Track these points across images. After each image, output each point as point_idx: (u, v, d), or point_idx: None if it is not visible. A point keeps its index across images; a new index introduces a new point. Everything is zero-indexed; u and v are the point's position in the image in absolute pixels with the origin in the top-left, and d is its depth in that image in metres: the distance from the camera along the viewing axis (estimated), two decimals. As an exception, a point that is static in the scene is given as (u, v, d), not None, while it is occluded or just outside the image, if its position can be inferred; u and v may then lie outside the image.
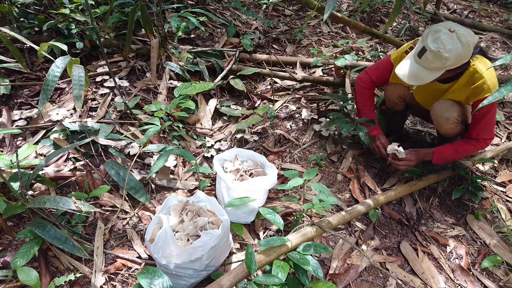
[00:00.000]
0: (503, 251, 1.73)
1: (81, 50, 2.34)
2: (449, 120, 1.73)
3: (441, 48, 1.46)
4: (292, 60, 2.88)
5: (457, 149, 1.78)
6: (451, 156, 1.81)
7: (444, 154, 1.81)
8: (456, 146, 1.78)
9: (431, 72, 1.54)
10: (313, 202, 1.58)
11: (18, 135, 1.85)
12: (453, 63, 1.49)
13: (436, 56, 1.48)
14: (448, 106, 1.72)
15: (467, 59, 1.53)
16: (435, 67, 1.51)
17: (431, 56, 1.49)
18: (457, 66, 1.53)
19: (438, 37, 1.46)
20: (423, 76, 1.55)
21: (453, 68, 1.54)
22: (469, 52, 1.50)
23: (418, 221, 1.85)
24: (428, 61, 1.51)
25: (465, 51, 1.47)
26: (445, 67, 1.51)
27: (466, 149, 1.77)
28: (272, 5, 3.78)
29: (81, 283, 1.38)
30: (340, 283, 1.50)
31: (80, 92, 1.37)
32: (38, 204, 1.27)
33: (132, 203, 1.72)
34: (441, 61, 1.48)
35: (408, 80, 1.59)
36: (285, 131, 2.28)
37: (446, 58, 1.47)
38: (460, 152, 1.79)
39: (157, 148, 1.73)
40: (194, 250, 1.27)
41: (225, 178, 1.63)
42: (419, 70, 1.56)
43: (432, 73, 1.54)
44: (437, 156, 1.82)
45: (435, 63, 1.50)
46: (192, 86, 2.20)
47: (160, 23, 2.48)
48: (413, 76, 1.58)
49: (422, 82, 1.57)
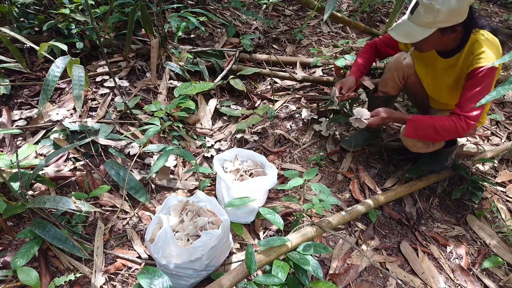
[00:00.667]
0: (503, 251, 1.73)
1: (81, 50, 2.34)
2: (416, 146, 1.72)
3: (434, 0, 1.41)
4: (292, 60, 2.88)
5: (435, 122, 1.57)
6: (424, 130, 1.60)
7: (419, 123, 1.62)
8: (434, 119, 1.59)
9: (423, 28, 1.47)
10: (313, 202, 1.58)
11: (18, 135, 1.85)
12: (445, 17, 1.42)
13: (427, 9, 1.42)
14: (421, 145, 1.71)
15: (461, 17, 1.45)
16: (426, 21, 1.45)
17: (423, 10, 1.44)
18: (450, 24, 1.45)
19: None
20: (413, 33, 1.49)
21: (447, 29, 1.47)
22: (463, 9, 1.43)
23: (418, 221, 1.85)
24: (420, 16, 1.45)
25: (458, 6, 1.41)
26: (437, 21, 1.44)
27: (445, 125, 1.55)
28: (272, 5, 3.78)
29: (81, 283, 1.38)
30: (340, 283, 1.50)
31: (80, 92, 1.37)
32: (38, 204, 1.27)
33: (132, 203, 1.72)
34: (433, 14, 1.42)
35: (399, 37, 1.52)
36: (285, 131, 2.28)
37: (438, 10, 1.41)
38: (436, 128, 1.56)
39: (157, 148, 1.73)
40: (194, 250, 1.27)
41: (225, 178, 1.63)
42: (411, 27, 1.50)
43: (424, 30, 1.47)
44: (411, 125, 1.64)
45: (427, 17, 1.44)
46: (192, 86, 2.20)
47: (160, 23, 2.48)
48: (402, 33, 1.52)
49: (412, 40, 1.50)
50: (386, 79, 1.92)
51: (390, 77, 1.89)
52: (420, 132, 1.62)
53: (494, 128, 2.60)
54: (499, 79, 2.90)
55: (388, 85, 1.92)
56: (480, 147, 2.22)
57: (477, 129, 1.93)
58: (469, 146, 2.22)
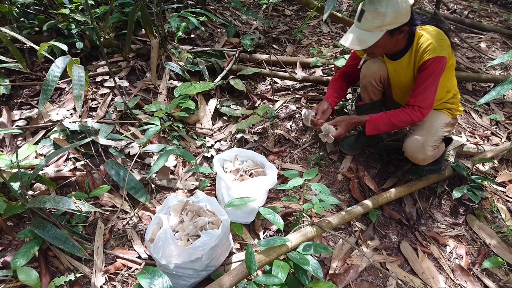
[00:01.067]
0: (503, 251, 1.73)
1: (81, 50, 2.34)
2: (426, 160, 1.76)
3: (377, 5, 1.48)
4: (292, 60, 2.88)
5: (390, 118, 1.70)
6: (384, 125, 1.72)
7: (377, 122, 1.73)
8: (389, 115, 1.71)
9: (372, 33, 1.54)
10: (313, 202, 1.58)
11: (18, 135, 1.85)
12: (392, 19, 1.50)
13: (374, 14, 1.50)
14: (419, 147, 1.72)
15: (406, 18, 1.53)
16: (374, 26, 1.52)
17: (369, 15, 1.51)
18: (396, 25, 1.53)
19: None
20: (365, 38, 1.55)
21: (394, 30, 1.54)
22: (406, 10, 1.51)
23: (418, 221, 1.85)
24: (367, 22, 1.53)
25: (401, 7, 1.49)
26: (385, 24, 1.51)
27: (401, 119, 1.68)
28: (272, 5, 3.78)
29: (81, 283, 1.38)
30: (340, 283, 1.50)
31: (80, 92, 1.37)
32: (38, 204, 1.27)
33: (132, 203, 1.72)
34: (380, 18, 1.50)
35: (351, 44, 1.58)
36: (285, 131, 2.28)
37: (384, 13, 1.48)
38: (394, 122, 1.70)
39: (157, 148, 1.73)
40: (194, 250, 1.27)
41: (225, 178, 1.63)
42: (360, 33, 1.57)
43: (374, 34, 1.54)
44: (370, 126, 1.74)
45: (375, 21, 1.51)
46: (192, 86, 2.20)
47: (160, 23, 2.48)
48: (354, 41, 1.57)
49: (365, 46, 1.57)
50: (364, 86, 1.97)
51: (367, 84, 1.94)
52: (381, 128, 1.74)
53: (494, 128, 2.60)
54: (500, 79, 2.90)
55: (369, 91, 1.96)
56: (480, 147, 2.22)
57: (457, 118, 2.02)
58: (469, 146, 2.22)
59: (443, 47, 1.59)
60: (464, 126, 2.52)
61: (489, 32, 4.03)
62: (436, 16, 1.79)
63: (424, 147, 1.72)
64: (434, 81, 1.61)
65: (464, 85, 3.02)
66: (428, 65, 1.59)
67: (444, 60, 1.58)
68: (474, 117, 2.67)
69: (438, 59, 1.57)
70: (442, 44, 1.59)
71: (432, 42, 1.58)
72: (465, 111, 2.69)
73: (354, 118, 1.79)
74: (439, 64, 1.58)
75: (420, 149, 1.72)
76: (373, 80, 1.89)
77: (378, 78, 1.88)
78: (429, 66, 1.58)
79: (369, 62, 1.88)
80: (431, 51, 1.57)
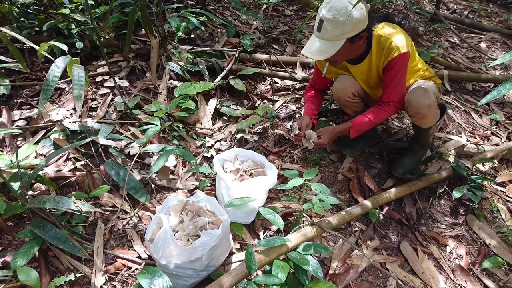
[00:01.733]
0: (503, 251, 1.73)
1: (81, 50, 2.34)
2: (431, 107, 1.71)
3: (336, 14, 1.48)
4: (292, 60, 2.88)
5: (371, 118, 1.75)
6: (367, 126, 1.78)
7: (360, 126, 1.76)
8: (369, 116, 1.76)
9: (333, 42, 1.55)
10: (313, 202, 1.58)
11: (18, 135, 1.85)
12: (351, 27, 1.52)
13: (333, 24, 1.50)
14: (422, 93, 1.70)
15: (364, 24, 1.56)
16: (335, 35, 1.52)
17: (329, 25, 1.51)
18: (356, 32, 1.55)
19: (331, 5, 1.50)
20: (326, 48, 1.56)
21: (354, 37, 1.57)
22: (364, 16, 1.53)
23: (418, 221, 1.85)
24: (327, 32, 1.53)
25: (359, 14, 1.51)
26: (345, 33, 1.52)
27: (381, 116, 1.76)
28: (272, 5, 3.78)
29: (81, 283, 1.38)
30: (340, 283, 1.50)
31: (80, 92, 1.37)
32: (38, 204, 1.27)
33: (132, 203, 1.72)
34: (340, 27, 1.50)
35: (313, 55, 1.58)
36: (285, 131, 2.28)
37: (343, 22, 1.49)
38: (374, 121, 1.76)
39: (157, 148, 1.73)
40: (194, 250, 1.27)
41: (225, 178, 1.63)
42: (322, 43, 1.57)
43: (335, 43, 1.55)
44: (354, 131, 1.77)
45: (335, 30, 1.51)
46: (192, 86, 2.20)
47: (160, 23, 2.48)
48: (317, 51, 1.57)
49: (327, 55, 1.57)
50: (343, 106, 2.01)
51: (344, 103, 1.97)
52: (363, 129, 1.79)
53: (494, 128, 2.60)
54: (500, 79, 2.90)
55: (349, 107, 1.99)
56: (480, 147, 2.22)
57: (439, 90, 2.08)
58: (469, 146, 2.22)
59: (402, 43, 1.64)
60: (464, 126, 2.52)
61: (489, 32, 4.03)
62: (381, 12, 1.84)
63: (427, 92, 1.69)
64: (402, 76, 1.69)
65: (464, 85, 3.02)
66: (394, 63, 1.65)
67: (407, 54, 1.65)
68: (474, 117, 2.67)
69: (402, 55, 1.63)
70: (402, 40, 1.64)
71: (392, 41, 1.63)
72: (465, 111, 2.69)
73: (337, 128, 1.79)
74: (404, 60, 1.65)
75: (424, 93, 1.69)
76: (348, 98, 1.92)
77: (352, 94, 1.91)
78: (395, 64, 1.65)
79: (337, 84, 1.92)
80: (394, 50, 1.62)
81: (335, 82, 1.94)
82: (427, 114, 1.74)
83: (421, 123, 1.82)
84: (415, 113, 1.75)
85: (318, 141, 1.74)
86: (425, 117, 1.75)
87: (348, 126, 1.76)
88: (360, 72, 1.83)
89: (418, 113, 1.74)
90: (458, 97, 2.82)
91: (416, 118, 1.79)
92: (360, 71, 1.82)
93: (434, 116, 1.78)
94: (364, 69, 1.79)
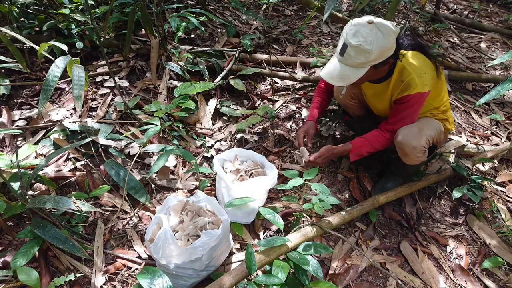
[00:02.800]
0: (503, 251, 1.73)
1: (81, 50, 2.34)
2: (416, 149, 1.59)
3: (362, 41, 1.37)
4: (292, 60, 2.87)
5: (372, 144, 1.68)
6: (366, 151, 1.70)
7: (360, 151, 1.70)
8: (370, 141, 1.68)
9: (356, 69, 1.45)
10: (313, 202, 1.58)
11: (18, 135, 1.85)
12: (377, 56, 1.41)
13: (358, 51, 1.39)
14: (415, 132, 1.60)
15: (391, 51, 1.45)
16: (359, 62, 1.42)
17: (353, 52, 1.41)
18: (382, 60, 1.44)
19: (358, 30, 1.39)
20: (348, 74, 1.46)
21: (379, 64, 1.46)
22: (392, 43, 1.42)
23: (418, 221, 1.85)
24: (351, 58, 1.42)
25: (387, 42, 1.40)
26: (369, 61, 1.42)
27: (381, 143, 1.67)
28: (272, 5, 3.78)
29: (81, 283, 1.38)
30: (340, 283, 1.50)
31: (80, 92, 1.37)
32: (38, 204, 1.27)
33: (132, 203, 1.72)
34: (364, 55, 1.40)
35: (334, 81, 1.50)
36: (285, 131, 2.28)
37: (369, 51, 1.38)
38: (375, 147, 1.68)
39: (157, 148, 1.73)
40: (194, 250, 1.27)
41: (225, 178, 1.63)
42: (344, 69, 1.47)
43: (357, 70, 1.45)
44: (354, 154, 1.70)
45: (359, 58, 1.41)
46: (192, 86, 2.20)
47: (160, 23, 2.48)
48: (338, 77, 1.49)
49: (349, 82, 1.48)
50: (344, 106, 2.02)
51: (345, 104, 1.98)
52: (364, 154, 1.71)
53: (494, 128, 2.60)
54: (500, 79, 2.90)
55: (350, 108, 2.00)
56: (480, 147, 2.22)
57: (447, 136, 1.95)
58: (469, 146, 2.22)
59: (425, 82, 1.52)
60: (464, 126, 2.52)
61: (489, 32, 4.03)
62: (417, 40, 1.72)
63: (419, 134, 1.61)
64: (413, 113, 1.60)
65: (464, 85, 3.02)
66: (408, 100, 1.55)
67: (425, 94, 1.54)
68: (474, 117, 2.67)
69: (418, 95, 1.53)
70: (424, 80, 1.52)
71: (414, 77, 1.51)
72: (465, 111, 2.69)
73: (337, 148, 1.72)
74: (420, 99, 1.55)
75: (416, 134, 1.60)
76: (348, 100, 1.92)
77: (351, 96, 1.91)
78: (409, 101, 1.55)
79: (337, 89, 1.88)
80: (412, 87, 1.52)
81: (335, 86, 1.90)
82: (408, 154, 1.62)
83: (401, 157, 1.70)
84: (398, 147, 1.64)
85: (311, 162, 1.69)
86: (406, 155, 1.64)
87: (348, 148, 1.69)
88: (372, 92, 1.74)
89: (401, 149, 1.63)
90: (458, 97, 2.82)
91: (398, 150, 1.67)
92: (373, 91, 1.74)
93: (417, 159, 1.65)
94: (377, 91, 1.71)
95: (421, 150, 1.61)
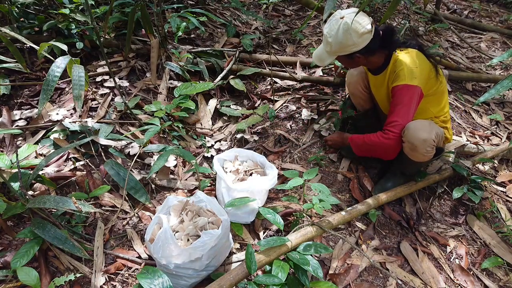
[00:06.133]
0: (503, 251, 1.73)
1: (81, 50, 2.34)
2: (426, 142, 1.55)
3: (327, 33, 1.56)
4: (292, 60, 2.87)
5: (364, 139, 1.73)
6: (360, 145, 1.78)
7: (356, 143, 1.81)
8: (364, 137, 1.74)
9: (328, 55, 1.65)
10: (313, 202, 1.58)
11: (18, 135, 1.85)
12: (337, 49, 1.58)
13: (324, 40, 1.60)
14: (425, 124, 1.57)
15: (354, 47, 1.56)
16: (326, 50, 1.64)
17: (324, 40, 1.62)
18: (345, 53, 1.60)
19: (331, 21, 1.55)
20: (324, 58, 1.67)
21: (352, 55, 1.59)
22: (353, 41, 1.53)
23: (418, 221, 1.85)
24: (324, 44, 1.65)
25: (345, 39, 1.53)
26: (332, 51, 1.61)
27: (372, 141, 1.68)
28: (272, 5, 3.78)
29: (81, 283, 1.38)
30: (340, 283, 1.50)
31: (80, 92, 1.37)
32: (38, 204, 1.27)
33: (132, 203, 1.72)
34: (328, 45, 1.59)
35: (314, 59, 1.71)
36: (285, 131, 2.28)
37: (330, 43, 1.57)
38: (367, 143, 1.71)
39: (157, 148, 1.73)
40: (194, 250, 1.27)
41: (225, 178, 1.63)
42: (322, 51, 1.67)
43: (329, 55, 1.65)
44: (352, 143, 1.84)
45: (326, 46, 1.62)
46: (192, 86, 2.20)
47: (160, 23, 2.48)
48: (317, 57, 1.69)
49: (323, 64, 1.69)
50: (352, 94, 2.05)
51: (353, 91, 2.01)
52: (361, 148, 1.80)
53: (494, 128, 2.60)
54: (499, 79, 2.90)
55: (357, 98, 2.03)
56: (480, 147, 2.22)
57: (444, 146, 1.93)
58: (469, 146, 2.22)
59: (414, 75, 1.55)
60: (464, 126, 2.52)
61: (489, 32, 4.03)
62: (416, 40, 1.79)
63: (430, 127, 1.57)
64: (406, 108, 1.57)
65: (464, 85, 3.02)
66: (395, 91, 1.60)
67: (414, 89, 1.55)
68: (474, 117, 2.67)
69: (406, 87, 1.56)
70: (413, 73, 1.55)
71: (404, 68, 1.57)
72: (465, 111, 2.69)
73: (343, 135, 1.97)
74: (408, 92, 1.55)
75: (426, 126, 1.56)
76: (359, 86, 1.96)
77: (363, 84, 1.95)
78: (396, 92, 1.60)
79: (352, 70, 1.97)
80: (400, 78, 1.57)
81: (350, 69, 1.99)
82: (418, 148, 1.56)
83: (409, 153, 1.64)
84: (407, 140, 1.58)
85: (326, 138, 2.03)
86: (415, 149, 1.58)
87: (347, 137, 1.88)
88: (374, 83, 1.85)
89: (410, 142, 1.57)
90: (458, 97, 2.82)
91: (406, 145, 1.61)
92: (374, 82, 1.84)
93: (425, 154, 1.60)
94: (378, 82, 1.79)
95: (430, 144, 1.57)
